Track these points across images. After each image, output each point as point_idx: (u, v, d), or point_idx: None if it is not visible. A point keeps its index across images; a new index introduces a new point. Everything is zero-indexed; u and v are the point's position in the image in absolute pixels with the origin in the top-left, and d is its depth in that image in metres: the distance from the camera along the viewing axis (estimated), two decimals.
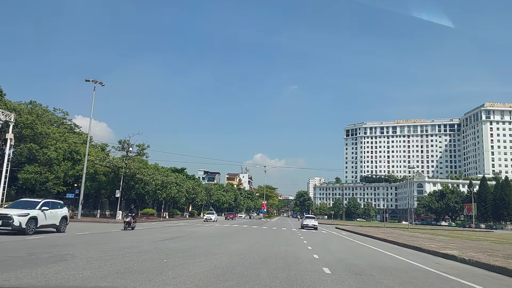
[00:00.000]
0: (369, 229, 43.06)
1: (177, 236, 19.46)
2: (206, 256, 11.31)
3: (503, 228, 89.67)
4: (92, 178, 44.24)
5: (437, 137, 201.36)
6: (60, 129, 47.61)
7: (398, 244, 21.88)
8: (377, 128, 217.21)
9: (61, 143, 43.46)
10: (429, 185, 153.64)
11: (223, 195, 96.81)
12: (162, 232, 23.15)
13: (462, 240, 28.76)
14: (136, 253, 11.21)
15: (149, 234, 20.86)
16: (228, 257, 11.33)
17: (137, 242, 15.08)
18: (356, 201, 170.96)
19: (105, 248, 12.25)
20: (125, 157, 41.69)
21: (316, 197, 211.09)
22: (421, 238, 28.10)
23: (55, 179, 40.81)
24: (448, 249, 18.43)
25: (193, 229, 28.76)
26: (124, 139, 42.12)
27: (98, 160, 41.50)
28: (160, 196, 51.75)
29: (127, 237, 17.48)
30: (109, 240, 15.63)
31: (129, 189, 45.73)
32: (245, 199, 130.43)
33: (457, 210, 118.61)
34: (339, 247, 17.88)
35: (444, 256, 15.64)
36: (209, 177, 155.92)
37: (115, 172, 42.36)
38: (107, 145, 57.44)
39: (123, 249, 12.21)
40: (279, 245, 16.71)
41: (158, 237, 18.53)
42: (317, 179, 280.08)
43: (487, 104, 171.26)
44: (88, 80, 37.61)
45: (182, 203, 65.12)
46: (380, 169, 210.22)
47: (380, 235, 29.91)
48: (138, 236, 18.45)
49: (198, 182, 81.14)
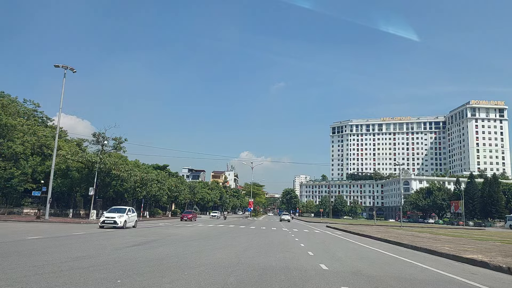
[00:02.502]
0: (363, 228, 40.60)
1: (150, 240, 16.33)
2: (180, 271, 8.30)
3: (491, 225, 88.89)
4: (64, 175, 40.50)
5: (423, 134, 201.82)
6: (29, 121, 43.55)
7: (406, 246, 19.26)
8: (363, 125, 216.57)
9: (29, 136, 39.58)
10: (416, 182, 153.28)
11: (208, 193, 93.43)
12: (134, 234, 19.95)
13: (468, 239, 26.40)
14: (82, 268, 8.12)
15: (117, 237, 17.67)
16: (210, 272, 8.36)
17: (96, 250, 11.95)
18: (343, 199, 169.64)
19: (46, 260, 9.11)
20: (100, 151, 38.11)
21: (302, 195, 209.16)
22: (425, 238, 25.59)
23: (22, 176, 37.00)
24: (469, 252, 15.85)
25: (172, 230, 25.61)
26: (99, 132, 38.53)
27: (70, 155, 37.82)
28: (139, 194, 48.27)
29: (87, 243, 14.31)
30: (61, 247, 12.44)
31: (105, 186, 42.14)
32: (231, 197, 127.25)
33: (444, 207, 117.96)
34: (344, 252, 15.06)
35: (471, 262, 13.00)
36: (194, 175, 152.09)
37: (89, 168, 38.77)
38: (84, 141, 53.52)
39: (71, 261, 9.09)
40: (274, 251, 13.78)
41: (127, 241, 15.38)
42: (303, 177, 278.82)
43: (472, 102, 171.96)
44: (57, 65, 33.92)
45: (164, 201, 61.68)
46: (366, 166, 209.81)
47: (379, 235, 27.37)
48: (102, 241, 15.27)
49: (181, 179, 77.64)
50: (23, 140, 38.14)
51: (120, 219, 24.70)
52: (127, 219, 25.50)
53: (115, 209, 26.78)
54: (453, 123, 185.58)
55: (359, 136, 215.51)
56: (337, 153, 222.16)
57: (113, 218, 24.77)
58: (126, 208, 27.22)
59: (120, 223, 24.43)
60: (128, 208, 27.15)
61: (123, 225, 24.69)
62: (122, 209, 26.80)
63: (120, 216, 25.04)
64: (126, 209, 26.67)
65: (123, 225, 24.69)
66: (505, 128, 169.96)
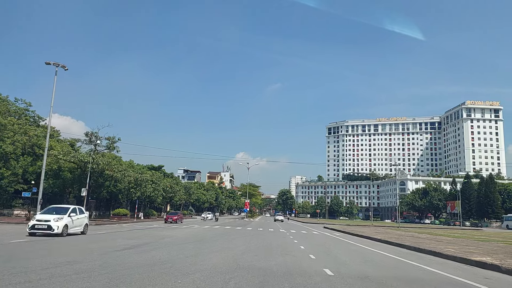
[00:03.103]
0: (361, 229, 39.98)
1: (142, 243, 15.51)
2: (173, 279, 7.53)
3: (488, 226, 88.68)
4: (56, 175, 39.55)
5: (418, 135, 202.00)
6: (20, 120, 42.48)
7: (409, 248, 18.60)
8: (358, 126, 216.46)
9: (20, 135, 38.55)
10: (412, 183, 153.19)
11: (204, 194, 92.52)
12: (126, 237, 19.12)
13: (470, 240, 25.81)
14: (64, 276, 7.32)
15: (107, 240, 16.85)
16: (206, 280, 7.60)
17: (83, 254, 11.15)
18: (339, 200, 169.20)
19: (25, 266, 8.30)
20: (92, 151, 37.18)
21: (298, 196, 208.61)
22: (426, 239, 24.97)
23: (12, 176, 36.02)
24: (476, 254, 15.20)
25: (166, 232, 24.79)
26: (92, 131, 37.60)
27: (62, 155, 36.86)
28: (134, 195, 47.36)
29: (74, 246, 13.51)
30: (45, 251, 11.63)
31: (99, 187, 41.24)
32: (226, 198, 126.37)
33: (440, 207, 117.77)
34: (347, 255, 14.36)
35: (480, 265, 12.35)
36: (189, 176, 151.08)
37: (81, 168, 37.85)
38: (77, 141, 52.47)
39: (53, 267, 8.28)
40: (274, 254, 13.04)
41: (117, 244, 14.56)
42: (299, 177, 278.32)
43: (467, 102, 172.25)
44: (48, 63, 32.82)
45: (159, 202, 60.81)
46: (362, 167, 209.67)
47: (379, 236, 26.73)
48: (91, 244, 14.47)
49: (176, 180, 76.70)
50: (14, 140, 37.12)
51: (58, 222, 17.54)
52: (69, 223, 18.36)
53: (52, 209, 19.32)
54: (448, 123, 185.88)
55: (355, 137, 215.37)
56: (333, 154, 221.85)
57: (47, 222, 17.38)
58: (69, 207, 19.88)
59: (57, 228, 17.29)
60: (73, 208, 19.83)
61: (62, 231, 17.60)
62: (62, 209, 19.48)
63: (58, 218, 17.81)
64: (68, 209, 19.28)
65: (62, 231, 17.60)
66: (500, 129, 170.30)
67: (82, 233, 19.91)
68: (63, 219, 18.01)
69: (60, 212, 18.65)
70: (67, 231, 18.16)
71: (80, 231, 19.80)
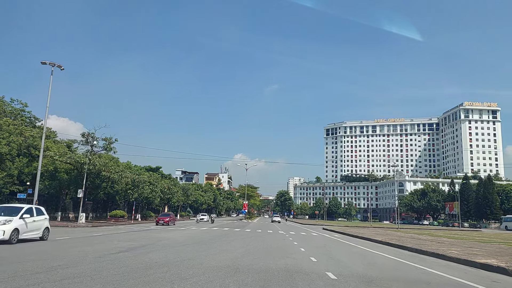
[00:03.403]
0: (361, 230, 39.63)
1: (139, 246, 15.11)
2: (169, 284, 7.15)
3: (487, 227, 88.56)
4: (52, 176, 39.04)
5: (417, 136, 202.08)
6: (16, 121, 41.96)
7: (411, 250, 18.27)
8: (356, 127, 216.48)
9: (15, 136, 38.03)
10: (410, 184, 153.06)
11: (202, 196, 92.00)
12: (123, 239, 18.71)
13: (471, 242, 25.51)
14: (54, 282, 6.93)
15: (104, 242, 16.44)
16: (205, 284, 7.22)
17: (77, 257, 10.74)
18: (337, 201, 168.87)
19: (14, 271, 7.90)
20: (89, 152, 36.73)
21: (296, 197, 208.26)
22: (427, 241, 24.65)
23: (7, 177, 35.45)
24: (480, 256, 14.89)
25: (164, 234, 24.37)
26: (88, 132, 37.11)
27: (58, 156, 36.38)
28: (131, 196, 46.87)
29: (68, 248, 13.10)
30: (37, 255, 11.22)
31: (95, 188, 40.77)
32: (224, 200, 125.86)
33: (438, 209, 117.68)
34: (349, 258, 13.99)
35: (486, 268, 12.02)
36: (187, 177, 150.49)
37: (78, 169, 37.38)
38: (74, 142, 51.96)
39: (43, 272, 7.89)
40: (274, 258, 12.65)
41: (113, 247, 14.16)
42: (297, 178, 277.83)
43: (465, 103, 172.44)
44: (44, 62, 32.46)
45: (156, 204, 60.32)
46: (360, 168, 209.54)
47: (380, 238, 26.40)
48: (86, 246, 14.04)
49: (174, 181, 76.22)
50: (9, 141, 36.57)
51: (5, 226, 13.96)
52: (21, 227, 14.78)
53: (0, 209, 15.52)
54: (446, 124, 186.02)
55: (353, 138, 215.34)
56: (331, 155, 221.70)
57: None
58: (23, 206, 16.16)
59: (2, 234, 13.74)
60: (27, 208, 16.06)
61: (10, 238, 14.01)
62: (13, 209, 15.66)
63: (6, 221, 14.19)
64: (21, 209, 15.55)
65: (10, 238, 14.01)
66: (498, 130, 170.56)
67: (41, 238, 16.46)
68: (12, 221, 14.36)
69: (10, 213, 14.94)
70: (18, 237, 14.61)
71: (38, 236, 16.26)
